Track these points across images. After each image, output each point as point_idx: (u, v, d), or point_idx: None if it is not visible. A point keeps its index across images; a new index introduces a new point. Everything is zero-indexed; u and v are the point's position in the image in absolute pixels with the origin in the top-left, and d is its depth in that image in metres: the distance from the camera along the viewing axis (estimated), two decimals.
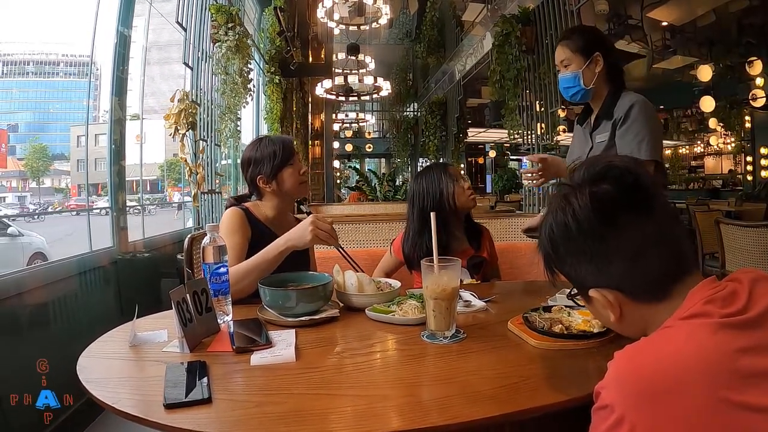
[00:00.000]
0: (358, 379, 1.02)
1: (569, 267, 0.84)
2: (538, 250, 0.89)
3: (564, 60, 1.94)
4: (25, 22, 19.74)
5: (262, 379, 1.01)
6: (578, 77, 1.90)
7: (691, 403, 0.63)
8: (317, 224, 1.59)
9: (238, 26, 3.98)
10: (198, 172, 4.25)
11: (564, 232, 0.81)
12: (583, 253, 0.81)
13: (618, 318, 0.82)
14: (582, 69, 1.89)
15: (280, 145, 1.85)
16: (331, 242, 1.63)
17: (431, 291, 1.21)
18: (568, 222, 0.80)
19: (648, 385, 0.66)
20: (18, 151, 26.31)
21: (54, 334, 2.54)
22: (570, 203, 0.80)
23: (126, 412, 0.86)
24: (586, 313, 1.30)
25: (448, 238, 2.04)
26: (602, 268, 0.80)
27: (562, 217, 0.81)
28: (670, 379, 0.65)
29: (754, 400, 0.63)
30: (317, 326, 1.34)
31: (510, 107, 5.20)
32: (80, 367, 1.07)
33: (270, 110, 6.89)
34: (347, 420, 0.86)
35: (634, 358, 0.70)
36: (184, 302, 1.19)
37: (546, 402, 0.89)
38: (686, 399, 0.64)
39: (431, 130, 9.98)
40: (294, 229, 1.63)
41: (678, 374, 0.65)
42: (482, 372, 1.04)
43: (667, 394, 0.64)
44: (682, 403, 0.64)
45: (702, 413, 0.63)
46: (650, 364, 0.68)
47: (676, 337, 0.70)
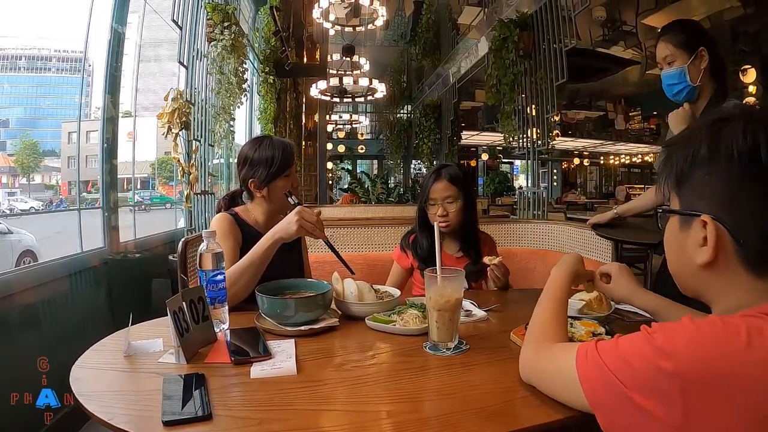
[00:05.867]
0: (361, 394, 0.99)
1: (697, 189, 0.78)
2: (661, 165, 0.84)
3: (667, 56, 1.86)
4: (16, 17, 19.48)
5: (263, 393, 0.98)
6: (684, 73, 1.82)
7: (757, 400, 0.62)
8: (303, 214, 1.57)
9: (234, 25, 3.94)
10: (191, 172, 4.20)
11: (714, 153, 0.75)
12: (727, 180, 0.74)
13: (705, 264, 0.77)
14: (687, 65, 1.81)
15: (279, 151, 1.81)
16: (318, 234, 1.60)
17: (434, 302, 1.19)
18: (730, 144, 0.73)
19: (724, 373, 0.64)
20: (8, 147, 26.01)
21: (44, 336, 2.49)
22: (738, 128, 0.73)
23: (122, 429, 0.83)
24: (589, 324, 1.29)
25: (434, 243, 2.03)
26: (736, 204, 0.74)
27: (726, 138, 0.74)
28: (751, 380, 0.63)
29: None
30: (316, 336, 1.31)
31: (506, 111, 5.19)
32: (73, 378, 1.03)
33: (264, 110, 6.85)
34: None
35: (726, 340, 0.66)
36: (180, 311, 1.16)
37: (554, 418, 0.87)
38: (759, 395, 0.62)
39: (425, 132, 9.95)
40: (281, 221, 1.61)
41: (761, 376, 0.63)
42: (486, 386, 1.02)
43: (745, 393, 0.63)
44: (748, 400, 0.63)
45: None
46: (738, 353, 0.65)
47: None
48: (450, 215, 2.01)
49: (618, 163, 24.14)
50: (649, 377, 0.68)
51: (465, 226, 2.08)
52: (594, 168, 25.10)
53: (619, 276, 1.27)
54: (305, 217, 1.56)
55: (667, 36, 1.88)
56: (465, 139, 13.15)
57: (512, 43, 5.00)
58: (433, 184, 2.05)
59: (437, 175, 2.06)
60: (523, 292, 2.01)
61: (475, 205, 2.17)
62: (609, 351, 0.76)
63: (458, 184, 2.03)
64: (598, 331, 1.24)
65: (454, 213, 2.02)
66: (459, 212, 2.03)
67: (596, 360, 0.77)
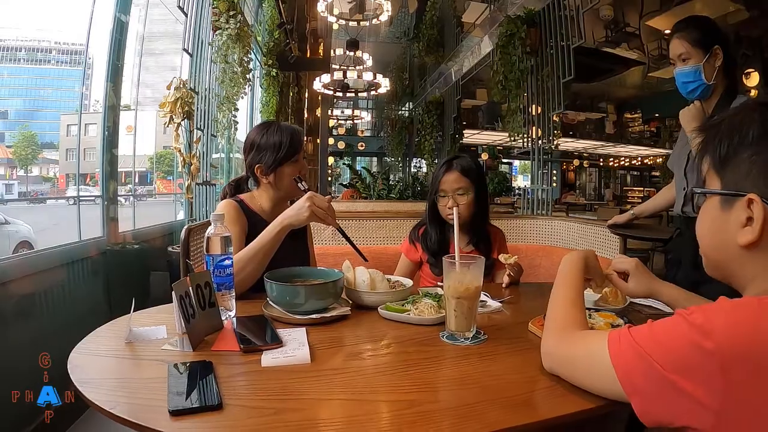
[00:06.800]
0: (381, 383, 0.94)
1: (743, 169, 0.77)
2: (699, 147, 0.84)
3: (682, 54, 1.83)
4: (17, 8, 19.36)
5: (275, 382, 0.92)
6: (699, 71, 1.80)
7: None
8: (315, 200, 1.51)
9: (239, 14, 3.88)
10: (192, 162, 4.14)
11: (764, 133, 0.75)
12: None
13: (748, 244, 0.75)
14: (702, 63, 1.79)
15: (288, 136, 1.75)
16: (329, 221, 1.54)
17: (453, 290, 1.13)
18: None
19: (764, 351, 0.63)
20: (7, 139, 25.96)
21: (40, 326, 2.43)
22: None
23: (126, 419, 0.76)
24: (608, 316, 1.27)
25: (444, 236, 2.00)
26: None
27: None
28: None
29: None
30: (326, 325, 1.26)
31: (512, 109, 5.14)
32: (72, 365, 0.96)
33: (266, 103, 6.80)
34: (378, 428, 0.78)
35: (764, 318, 0.66)
36: (187, 296, 1.10)
37: (582, 407, 0.83)
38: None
39: (427, 129, 9.88)
40: (291, 206, 1.55)
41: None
42: (509, 376, 0.98)
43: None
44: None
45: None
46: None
47: None
48: (461, 208, 1.90)
49: (617, 165, 24.13)
50: (689, 357, 0.67)
51: (476, 219, 2.01)
52: (593, 170, 25.08)
53: (637, 272, 1.25)
54: (317, 203, 1.51)
55: (683, 33, 1.85)
56: (465, 138, 13.08)
57: (519, 39, 4.95)
58: (444, 176, 1.98)
59: (448, 166, 1.99)
60: (534, 286, 1.96)
61: (487, 198, 2.10)
62: (644, 334, 0.75)
63: (470, 175, 1.96)
64: (617, 323, 1.21)
65: (465, 206, 1.93)
66: (470, 205, 1.95)
67: (631, 344, 0.75)
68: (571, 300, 1.04)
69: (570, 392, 0.87)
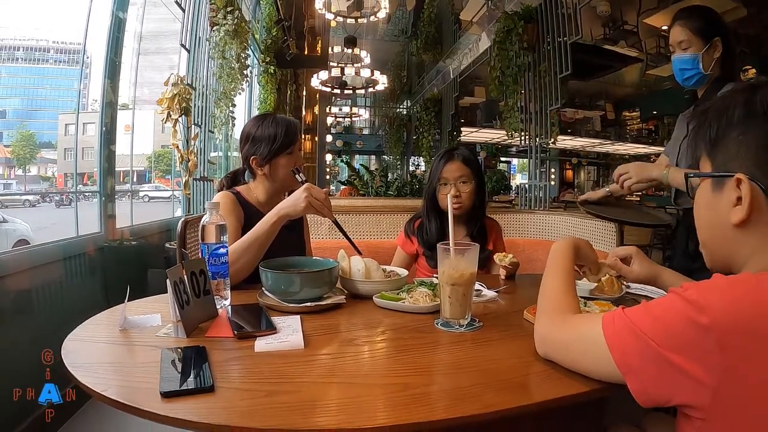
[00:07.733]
0: (374, 366, 0.95)
1: (731, 150, 0.78)
2: (692, 134, 0.86)
3: (683, 42, 1.82)
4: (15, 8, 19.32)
5: (268, 366, 0.92)
6: (697, 60, 1.79)
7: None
8: (312, 191, 1.52)
9: (236, 10, 3.87)
10: (190, 158, 4.14)
11: (749, 112, 0.76)
12: (762, 138, 0.75)
13: (739, 222, 0.76)
14: (702, 52, 1.78)
15: (283, 128, 1.75)
16: (325, 213, 1.54)
17: (448, 276, 1.13)
18: (766, 102, 0.75)
19: (761, 325, 0.63)
20: (5, 138, 25.93)
21: (36, 322, 2.42)
22: None
23: (117, 401, 0.76)
24: (604, 305, 1.27)
25: (443, 227, 1.99)
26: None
27: (763, 98, 0.75)
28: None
29: None
30: (321, 313, 1.26)
31: (509, 105, 5.13)
32: (65, 351, 0.96)
33: (264, 100, 6.79)
34: (372, 410, 0.78)
35: (760, 292, 0.66)
36: (181, 283, 1.10)
37: (577, 390, 0.83)
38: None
39: (425, 126, 9.87)
40: (288, 197, 1.55)
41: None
42: (505, 360, 0.97)
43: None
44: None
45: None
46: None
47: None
48: (463, 196, 1.98)
49: (616, 164, 24.11)
50: (685, 334, 0.66)
51: (474, 210, 2.04)
52: (592, 168, 25.07)
53: (639, 257, 1.27)
54: (314, 195, 1.51)
55: (686, 21, 1.84)
56: (463, 137, 13.07)
57: (516, 35, 4.95)
58: (446, 165, 2.01)
59: (449, 156, 2.03)
60: (530, 277, 1.95)
61: (485, 189, 2.12)
62: (639, 313, 0.75)
63: (471, 165, 2.01)
64: None
65: (467, 194, 1.99)
66: (472, 194, 2.00)
67: (626, 323, 0.75)
68: (562, 285, 1.03)
69: (566, 376, 0.87)
